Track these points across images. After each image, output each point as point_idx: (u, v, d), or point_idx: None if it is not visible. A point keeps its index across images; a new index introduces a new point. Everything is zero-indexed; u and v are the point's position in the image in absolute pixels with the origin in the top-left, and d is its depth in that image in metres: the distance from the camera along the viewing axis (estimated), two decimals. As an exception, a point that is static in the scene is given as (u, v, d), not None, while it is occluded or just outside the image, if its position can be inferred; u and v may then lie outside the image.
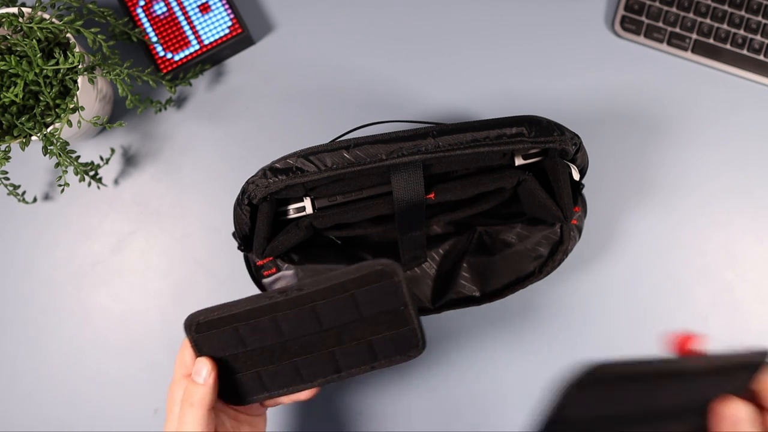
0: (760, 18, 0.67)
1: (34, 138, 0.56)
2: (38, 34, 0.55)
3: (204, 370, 0.45)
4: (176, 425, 0.45)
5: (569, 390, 0.32)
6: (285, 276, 0.57)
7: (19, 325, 0.66)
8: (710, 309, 0.66)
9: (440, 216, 0.57)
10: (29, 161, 0.67)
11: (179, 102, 0.68)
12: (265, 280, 0.57)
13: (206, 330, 0.45)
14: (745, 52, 0.67)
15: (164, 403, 0.65)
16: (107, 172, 0.67)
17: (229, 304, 0.45)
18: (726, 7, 0.67)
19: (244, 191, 0.51)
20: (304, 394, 0.49)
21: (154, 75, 0.65)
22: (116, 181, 0.67)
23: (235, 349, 0.46)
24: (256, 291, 0.60)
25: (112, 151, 0.66)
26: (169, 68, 0.66)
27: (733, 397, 0.36)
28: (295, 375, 0.46)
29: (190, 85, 0.67)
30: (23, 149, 0.56)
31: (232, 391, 0.47)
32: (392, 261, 0.43)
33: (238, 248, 0.56)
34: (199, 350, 0.46)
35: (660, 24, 0.67)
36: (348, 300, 0.44)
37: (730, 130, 0.68)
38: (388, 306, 0.44)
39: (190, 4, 0.66)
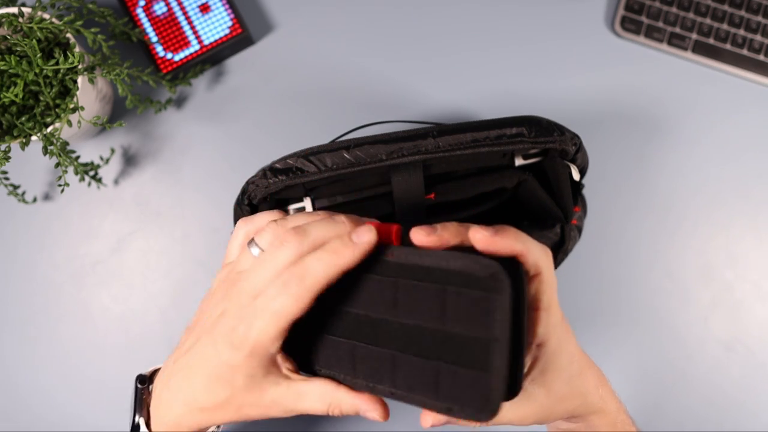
0: (760, 18, 0.67)
1: (34, 138, 0.56)
2: (38, 34, 0.55)
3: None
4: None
5: None
6: None
7: (19, 325, 0.66)
8: (710, 309, 0.66)
9: (440, 216, 0.57)
10: (29, 161, 0.67)
11: (179, 102, 0.68)
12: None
13: None
14: (745, 52, 0.67)
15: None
16: (107, 172, 0.67)
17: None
18: (726, 7, 0.67)
19: (244, 191, 0.51)
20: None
21: (154, 75, 0.65)
22: (116, 181, 0.67)
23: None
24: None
25: (112, 151, 0.66)
26: (169, 68, 0.66)
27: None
28: (349, 361, 0.36)
29: (190, 85, 0.67)
30: (23, 149, 0.56)
31: (296, 347, 0.37)
32: (505, 272, 0.32)
33: (238, 248, 0.56)
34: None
35: (660, 24, 0.67)
36: (437, 294, 0.33)
37: (730, 130, 0.68)
38: (474, 329, 0.32)
39: (190, 4, 0.66)
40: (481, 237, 0.33)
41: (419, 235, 0.34)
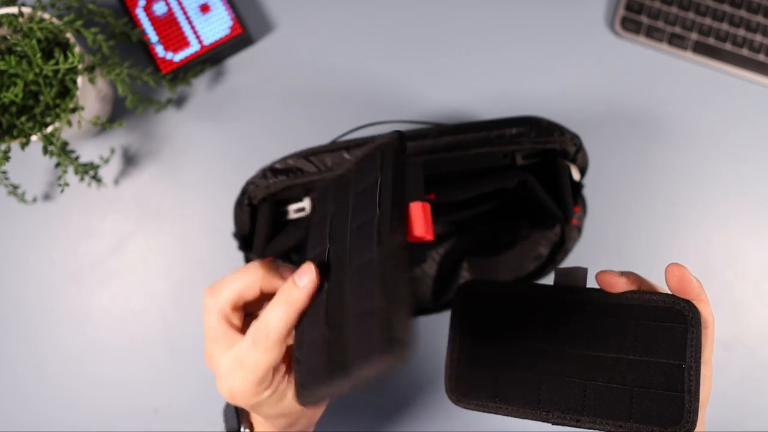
0: (760, 18, 0.67)
1: (34, 138, 0.56)
2: (38, 34, 0.55)
3: (306, 275, 0.37)
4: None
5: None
6: None
7: (19, 325, 0.66)
8: (710, 309, 0.66)
9: (441, 216, 0.57)
10: (29, 161, 0.67)
11: (179, 102, 0.68)
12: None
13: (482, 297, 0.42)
14: (745, 52, 0.67)
15: (165, 401, 0.65)
16: (107, 172, 0.67)
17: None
18: (726, 7, 0.67)
19: (244, 191, 0.51)
20: None
21: (154, 75, 0.65)
22: (116, 181, 0.67)
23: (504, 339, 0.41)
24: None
25: (112, 151, 0.66)
26: (169, 68, 0.66)
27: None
28: (533, 393, 0.40)
29: (190, 85, 0.67)
30: (23, 149, 0.56)
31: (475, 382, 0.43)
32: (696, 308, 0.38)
33: (239, 248, 0.56)
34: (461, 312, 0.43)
35: (660, 24, 0.67)
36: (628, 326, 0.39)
37: (730, 130, 0.68)
38: (670, 356, 0.38)
39: (190, 4, 0.66)
40: (678, 273, 0.37)
41: (610, 277, 0.38)
